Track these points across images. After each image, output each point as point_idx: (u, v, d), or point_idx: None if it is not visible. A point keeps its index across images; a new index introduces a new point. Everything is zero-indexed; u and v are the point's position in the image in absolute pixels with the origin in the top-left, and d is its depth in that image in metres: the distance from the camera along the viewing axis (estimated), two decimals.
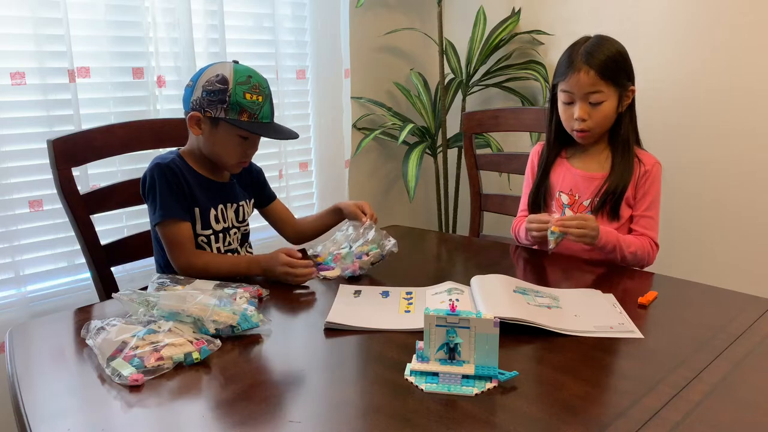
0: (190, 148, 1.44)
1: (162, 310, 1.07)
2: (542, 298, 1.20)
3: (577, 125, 1.44)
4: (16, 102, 1.69)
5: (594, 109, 1.42)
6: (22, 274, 1.74)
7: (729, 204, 2.15)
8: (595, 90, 1.40)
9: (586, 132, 1.45)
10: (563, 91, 1.45)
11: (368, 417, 0.86)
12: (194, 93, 1.35)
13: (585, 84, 1.39)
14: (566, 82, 1.42)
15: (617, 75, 1.41)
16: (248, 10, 2.17)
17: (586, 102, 1.41)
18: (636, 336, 1.07)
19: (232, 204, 1.48)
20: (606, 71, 1.39)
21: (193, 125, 1.37)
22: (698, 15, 2.13)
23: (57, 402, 0.90)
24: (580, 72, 1.39)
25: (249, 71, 1.36)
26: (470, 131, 2.00)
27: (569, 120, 1.46)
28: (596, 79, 1.39)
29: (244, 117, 1.34)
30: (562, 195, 1.53)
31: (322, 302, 1.25)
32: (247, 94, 1.33)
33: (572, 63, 1.41)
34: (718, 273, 2.10)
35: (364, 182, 2.72)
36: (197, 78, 1.36)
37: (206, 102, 1.34)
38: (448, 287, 1.26)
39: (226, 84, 1.32)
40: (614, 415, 0.84)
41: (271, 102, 1.39)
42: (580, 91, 1.41)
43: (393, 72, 2.77)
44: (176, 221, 1.35)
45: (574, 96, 1.42)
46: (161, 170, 1.36)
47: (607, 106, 1.42)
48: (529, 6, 2.55)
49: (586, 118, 1.42)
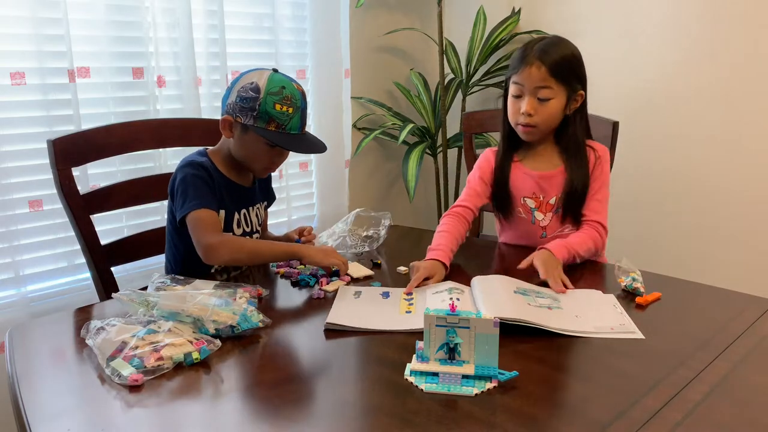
0: (219, 149, 1.45)
1: (162, 310, 1.07)
2: (543, 298, 1.20)
3: (522, 119, 1.45)
4: (16, 102, 1.69)
5: (541, 105, 1.43)
6: (22, 274, 1.73)
7: (729, 204, 2.15)
8: (544, 85, 1.41)
9: (531, 127, 1.45)
10: (514, 83, 1.46)
11: (368, 417, 0.87)
12: (230, 96, 1.37)
13: (535, 78, 1.41)
14: (518, 75, 1.44)
15: (568, 75, 1.43)
16: (248, 10, 2.17)
17: (534, 97, 1.42)
18: (637, 336, 1.07)
19: (253, 208, 1.49)
20: (557, 69, 1.41)
21: (225, 128, 1.38)
22: (698, 15, 2.13)
23: (57, 402, 0.90)
24: (532, 66, 1.41)
25: (284, 81, 1.35)
26: (470, 131, 2.00)
27: (516, 114, 1.47)
28: (546, 75, 1.41)
29: (272, 127, 1.34)
30: (527, 200, 1.54)
31: (322, 302, 1.25)
32: (278, 104, 1.33)
33: (525, 57, 1.43)
34: (718, 273, 2.10)
35: (364, 182, 2.72)
36: (236, 82, 1.37)
37: (238, 108, 1.35)
38: (448, 287, 1.26)
39: (258, 92, 1.33)
40: (614, 415, 0.84)
41: (303, 114, 1.38)
42: (530, 84, 1.42)
43: (393, 72, 2.77)
44: (207, 210, 1.35)
45: (524, 89, 1.44)
46: (195, 168, 1.37)
47: (554, 104, 1.43)
48: (529, 6, 2.55)
49: (533, 113, 1.43)
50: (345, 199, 2.49)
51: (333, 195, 2.45)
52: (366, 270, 1.40)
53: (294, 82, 1.38)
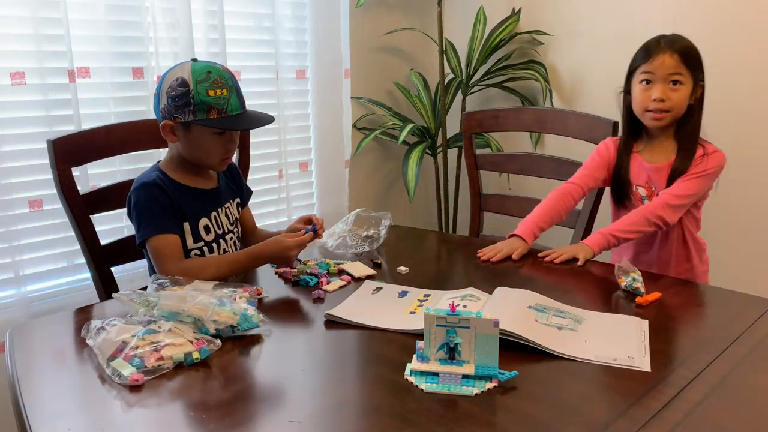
0: (170, 158, 1.42)
1: (162, 310, 1.07)
2: (561, 318, 1.13)
3: (653, 105, 1.49)
4: (16, 102, 1.69)
5: (673, 91, 1.48)
6: (22, 274, 1.73)
7: (729, 204, 2.14)
8: (677, 71, 1.47)
9: (664, 113, 1.50)
10: (644, 72, 1.51)
11: (368, 417, 0.87)
12: (160, 102, 1.34)
13: (669, 65, 1.47)
14: (649, 64, 1.50)
15: (695, 64, 1.50)
16: (248, 10, 2.17)
17: (666, 83, 1.48)
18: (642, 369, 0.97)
19: (222, 209, 1.46)
20: (687, 57, 1.48)
21: (167, 134, 1.35)
22: (698, 15, 2.13)
23: (57, 402, 0.90)
24: (665, 54, 1.48)
25: (207, 67, 1.33)
26: (470, 131, 2.00)
27: (646, 101, 1.51)
28: (679, 62, 1.47)
29: (213, 114, 1.31)
30: (639, 188, 1.59)
31: (322, 302, 1.25)
32: (210, 90, 1.30)
33: (656, 47, 1.50)
34: (718, 273, 2.10)
35: (364, 182, 2.72)
36: (160, 86, 1.34)
37: (173, 108, 1.31)
38: (465, 293, 1.22)
39: (186, 86, 1.29)
40: (614, 415, 0.84)
41: (238, 91, 1.35)
42: (663, 72, 1.48)
43: (393, 72, 2.77)
44: (164, 235, 1.32)
45: (655, 77, 1.49)
46: (147, 188, 1.34)
47: (685, 91, 1.49)
48: (529, 6, 2.55)
49: (665, 98, 1.48)
50: (345, 199, 2.49)
51: (333, 195, 2.45)
52: (367, 269, 1.40)
53: (216, 64, 1.35)
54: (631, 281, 1.27)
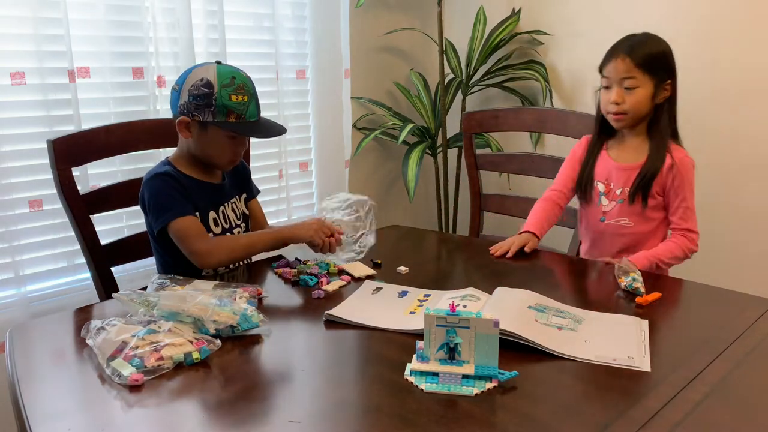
0: (180, 153, 1.46)
1: (162, 310, 1.07)
2: (561, 318, 1.13)
3: (611, 108, 1.55)
4: (16, 102, 1.69)
5: (628, 93, 1.52)
6: (22, 274, 1.73)
7: (729, 204, 2.15)
8: (628, 75, 1.51)
9: (621, 114, 1.54)
10: (603, 76, 1.57)
11: (368, 417, 0.87)
12: (181, 97, 1.37)
13: (620, 70, 1.51)
14: (606, 68, 1.56)
15: (652, 66, 1.51)
16: (248, 10, 2.17)
17: (621, 87, 1.52)
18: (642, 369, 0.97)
19: (228, 204, 1.49)
20: (641, 60, 1.51)
21: (182, 129, 1.39)
22: (698, 15, 2.13)
23: (57, 402, 0.90)
24: (617, 59, 1.52)
25: (232, 72, 1.37)
26: (470, 131, 2.00)
27: (606, 104, 1.56)
28: (631, 66, 1.50)
29: (232, 118, 1.35)
30: (599, 184, 1.62)
31: (322, 302, 1.25)
32: (233, 95, 1.34)
33: (613, 51, 1.55)
34: (718, 273, 2.10)
35: (364, 182, 2.72)
36: (182, 82, 1.37)
37: (193, 106, 1.35)
38: (465, 293, 1.22)
39: (211, 88, 1.34)
40: (614, 415, 0.84)
41: (257, 100, 1.41)
42: (616, 76, 1.52)
43: (393, 72, 2.77)
44: (184, 217, 1.36)
45: (611, 81, 1.54)
46: (161, 178, 1.38)
47: (641, 92, 1.52)
48: (529, 6, 2.55)
49: (620, 101, 1.52)
50: None
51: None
52: (367, 269, 1.40)
53: (240, 71, 1.39)
54: (631, 281, 1.27)
